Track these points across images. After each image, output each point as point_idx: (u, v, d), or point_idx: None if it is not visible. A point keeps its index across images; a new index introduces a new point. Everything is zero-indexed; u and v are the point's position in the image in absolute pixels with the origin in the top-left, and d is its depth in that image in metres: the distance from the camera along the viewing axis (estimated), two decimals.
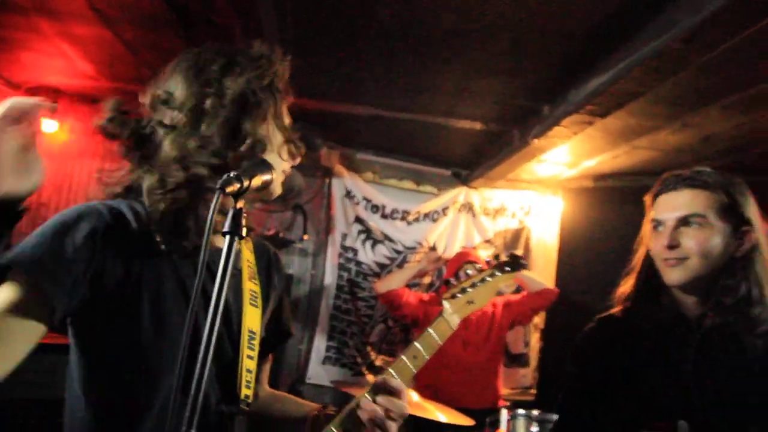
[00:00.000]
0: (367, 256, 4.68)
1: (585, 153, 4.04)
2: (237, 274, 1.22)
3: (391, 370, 1.23)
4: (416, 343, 1.29)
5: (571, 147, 3.77)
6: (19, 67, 3.61)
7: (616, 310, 1.64)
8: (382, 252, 4.71)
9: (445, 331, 1.33)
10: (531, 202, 4.99)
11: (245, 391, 1.16)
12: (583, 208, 4.82)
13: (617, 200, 4.57)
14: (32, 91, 3.97)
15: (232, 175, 0.93)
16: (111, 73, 3.52)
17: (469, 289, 1.42)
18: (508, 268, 1.49)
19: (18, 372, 0.96)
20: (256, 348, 1.21)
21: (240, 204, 0.93)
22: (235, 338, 1.18)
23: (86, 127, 4.23)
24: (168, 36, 2.85)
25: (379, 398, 1.15)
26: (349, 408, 1.17)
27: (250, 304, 1.21)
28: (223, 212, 0.97)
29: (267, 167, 1.04)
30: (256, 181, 0.99)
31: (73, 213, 1.08)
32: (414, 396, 2.86)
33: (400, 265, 4.72)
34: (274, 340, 1.36)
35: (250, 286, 1.22)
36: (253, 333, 1.21)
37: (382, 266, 4.71)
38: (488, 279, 1.46)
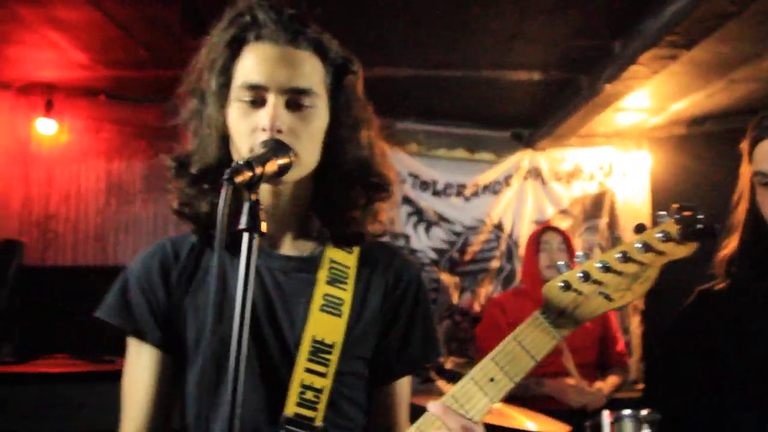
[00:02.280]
0: (422, 241, 4.71)
1: (671, 94, 3.93)
2: (307, 277, 1.23)
3: (450, 398, 1.08)
4: (492, 360, 1.08)
5: (654, 89, 3.68)
6: (7, 64, 3.75)
7: (719, 281, 1.60)
8: (439, 235, 4.73)
9: (545, 345, 1.07)
10: (611, 160, 4.93)
11: (297, 410, 1.15)
12: (677, 161, 4.71)
13: (718, 147, 4.31)
14: (24, 90, 4.16)
15: (241, 162, 0.95)
16: (106, 59, 3.62)
17: (595, 276, 1.07)
18: (690, 235, 1.03)
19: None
20: (333, 363, 1.18)
21: (255, 195, 0.95)
22: (290, 349, 1.19)
23: (87, 124, 4.39)
24: (161, 9, 2.91)
25: None
26: None
27: (322, 310, 1.20)
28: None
29: (283, 149, 1.08)
30: (271, 167, 1.02)
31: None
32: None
33: (461, 250, 4.71)
34: (394, 365, 1.29)
35: (328, 291, 1.22)
36: (326, 345, 1.18)
37: (440, 252, 4.73)
38: (643, 255, 1.04)
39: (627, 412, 2.73)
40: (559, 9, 2.93)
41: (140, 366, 1.26)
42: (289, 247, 1.26)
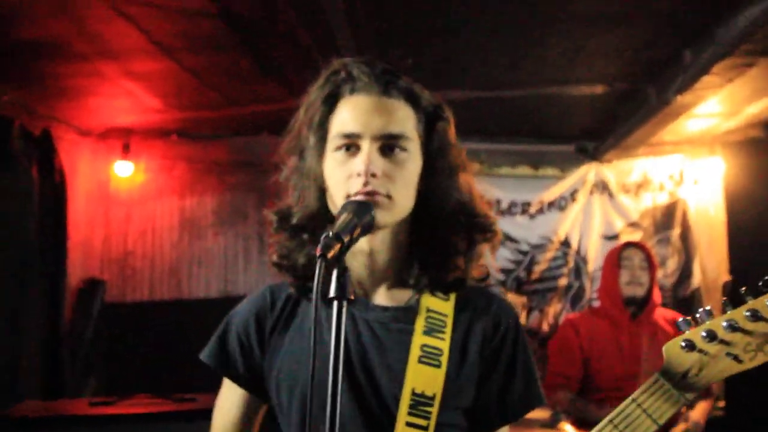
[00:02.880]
0: (488, 262, 4.65)
1: (746, 97, 3.77)
2: (404, 328, 1.23)
3: None
4: (611, 423, 1.06)
5: (727, 94, 3.54)
6: (88, 114, 3.97)
7: None
8: (505, 255, 4.68)
9: (668, 409, 1.04)
10: (682, 168, 4.82)
11: None
12: (753, 166, 4.55)
13: None
14: (103, 135, 4.36)
15: (330, 235, 0.97)
16: (178, 103, 3.78)
17: (721, 336, 1.02)
18: None
19: None
20: (433, 415, 1.17)
21: (344, 264, 0.98)
22: (389, 402, 1.19)
23: (161, 164, 4.57)
24: (231, 55, 3.02)
25: None
26: None
27: (421, 362, 1.19)
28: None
29: (364, 208, 1.09)
30: (357, 231, 1.04)
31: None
32: (569, 430, 2.79)
33: (528, 269, 4.64)
34: (494, 415, 1.27)
35: (426, 341, 1.21)
36: (426, 397, 1.17)
37: (506, 272, 4.68)
38: None
39: None
40: (624, 22, 2.87)
41: (230, 402, 1.33)
42: (384, 296, 1.26)
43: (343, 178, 1.18)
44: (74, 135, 4.19)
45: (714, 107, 3.89)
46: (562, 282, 4.71)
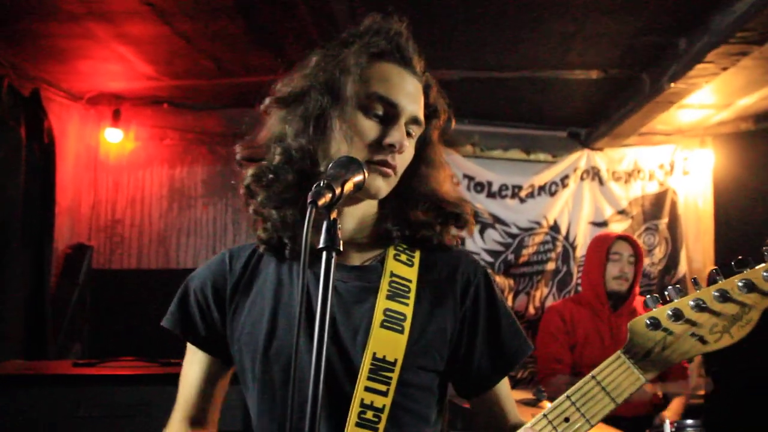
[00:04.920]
0: (476, 244, 4.69)
1: (739, 89, 3.81)
2: (369, 291, 1.25)
3: None
4: (568, 399, 1.04)
5: (720, 84, 3.57)
6: (78, 78, 3.92)
7: None
8: (493, 237, 4.70)
9: (628, 387, 1.01)
10: (673, 158, 4.83)
11: (356, 431, 1.16)
12: (742, 159, 4.58)
13: None
14: (94, 101, 4.32)
15: (322, 184, 0.98)
16: (170, 70, 3.74)
17: (687, 315, 0.99)
18: None
19: None
20: (393, 379, 1.19)
21: (334, 214, 0.98)
22: (353, 364, 1.20)
23: (151, 132, 4.54)
24: (226, 22, 2.99)
25: None
26: None
27: (383, 326, 1.20)
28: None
29: (357, 166, 1.09)
30: (348, 186, 1.05)
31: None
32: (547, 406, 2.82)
33: (516, 252, 4.67)
34: (490, 370, 1.30)
35: (389, 306, 1.23)
36: (387, 362, 1.19)
37: (495, 254, 4.69)
38: (745, 296, 0.97)
39: (690, 421, 2.66)
40: (621, 7, 2.86)
41: (193, 365, 1.35)
42: (346, 257, 1.29)
43: (373, 138, 1.21)
44: (64, 99, 4.15)
45: (707, 98, 3.91)
46: (550, 266, 4.73)
